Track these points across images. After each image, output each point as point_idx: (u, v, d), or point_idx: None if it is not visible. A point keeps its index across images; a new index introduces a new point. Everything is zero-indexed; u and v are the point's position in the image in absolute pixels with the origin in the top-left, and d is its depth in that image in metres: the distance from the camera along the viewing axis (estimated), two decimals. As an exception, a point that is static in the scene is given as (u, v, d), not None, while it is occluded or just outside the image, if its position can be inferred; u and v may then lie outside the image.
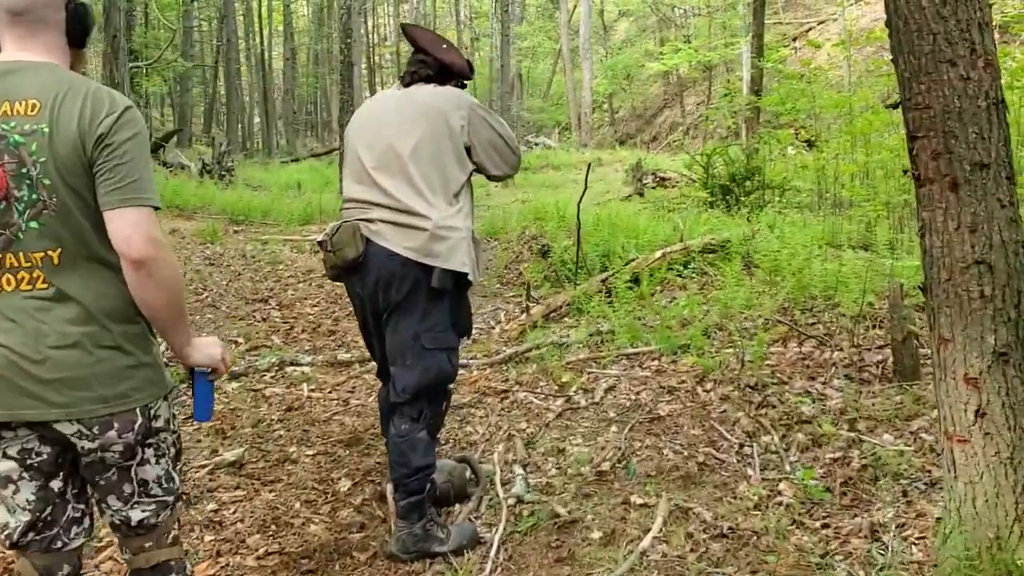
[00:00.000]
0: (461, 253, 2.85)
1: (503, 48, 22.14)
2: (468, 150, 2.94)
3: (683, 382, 4.30)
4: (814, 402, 3.82)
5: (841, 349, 4.44)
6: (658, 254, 6.65)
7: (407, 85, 3.10)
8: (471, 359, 5.07)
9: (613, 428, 3.87)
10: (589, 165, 6.43)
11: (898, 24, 2.30)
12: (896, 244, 6.27)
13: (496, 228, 10.25)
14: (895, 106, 2.39)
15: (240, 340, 5.66)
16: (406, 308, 2.83)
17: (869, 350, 4.36)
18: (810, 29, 29.24)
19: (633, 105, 37.04)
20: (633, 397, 4.22)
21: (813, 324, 5.02)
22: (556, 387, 4.49)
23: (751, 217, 8.99)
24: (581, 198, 6.26)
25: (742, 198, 10.67)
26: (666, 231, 7.65)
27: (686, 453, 3.51)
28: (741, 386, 4.11)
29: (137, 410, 1.85)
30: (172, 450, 1.99)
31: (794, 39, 29.07)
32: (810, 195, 9.98)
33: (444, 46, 3.13)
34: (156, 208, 1.79)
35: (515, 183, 22.06)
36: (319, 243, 2.96)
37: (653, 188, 17.56)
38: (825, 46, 16.97)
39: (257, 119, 38.40)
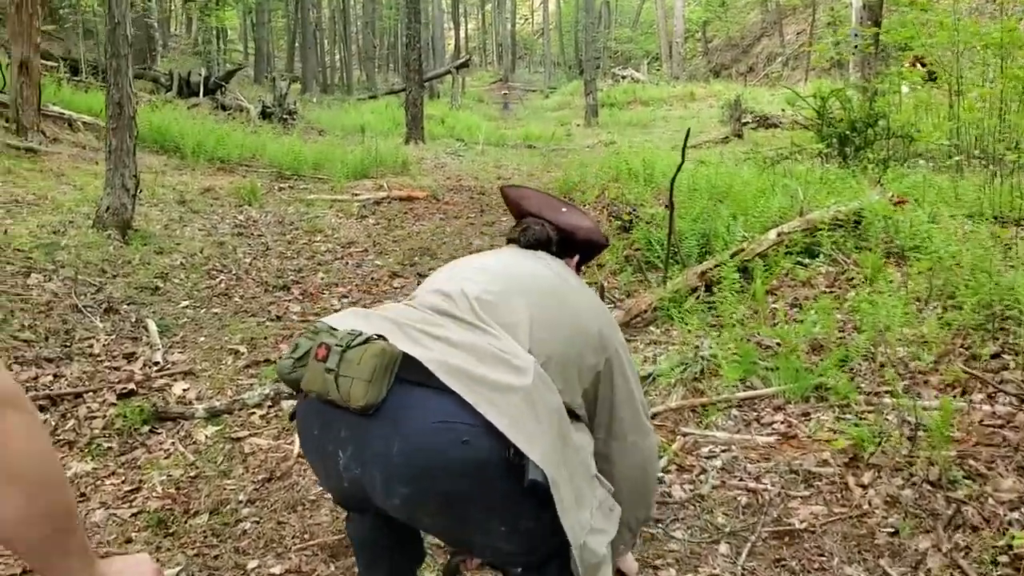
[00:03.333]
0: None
1: (588, -26, 20.32)
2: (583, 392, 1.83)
3: (826, 463, 2.96)
4: (1044, 528, 2.45)
5: (1061, 415, 3.03)
6: (773, 235, 5.22)
7: (525, 247, 2.07)
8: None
9: (722, 549, 2.58)
10: (688, 132, 4.99)
11: None
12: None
13: (571, 184, 8.88)
14: None
15: (242, 350, 4.52)
16: (471, 517, 1.57)
17: (1108, 421, 2.94)
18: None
19: (728, 34, 34.68)
20: (752, 485, 2.91)
21: (997, 356, 3.59)
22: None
23: (881, 178, 7.41)
24: (675, 176, 4.82)
25: (863, 150, 9.04)
26: (779, 199, 6.17)
27: (844, 624, 2.21)
28: (916, 482, 2.75)
29: None
30: None
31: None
32: (946, 149, 8.26)
33: (564, 209, 2.14)
34: None
35: (598, 121, 20.49)
36: (319, 346, 1.57)
37: (753, 128, 15.89)
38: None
39: (338, 54, 37.32)
